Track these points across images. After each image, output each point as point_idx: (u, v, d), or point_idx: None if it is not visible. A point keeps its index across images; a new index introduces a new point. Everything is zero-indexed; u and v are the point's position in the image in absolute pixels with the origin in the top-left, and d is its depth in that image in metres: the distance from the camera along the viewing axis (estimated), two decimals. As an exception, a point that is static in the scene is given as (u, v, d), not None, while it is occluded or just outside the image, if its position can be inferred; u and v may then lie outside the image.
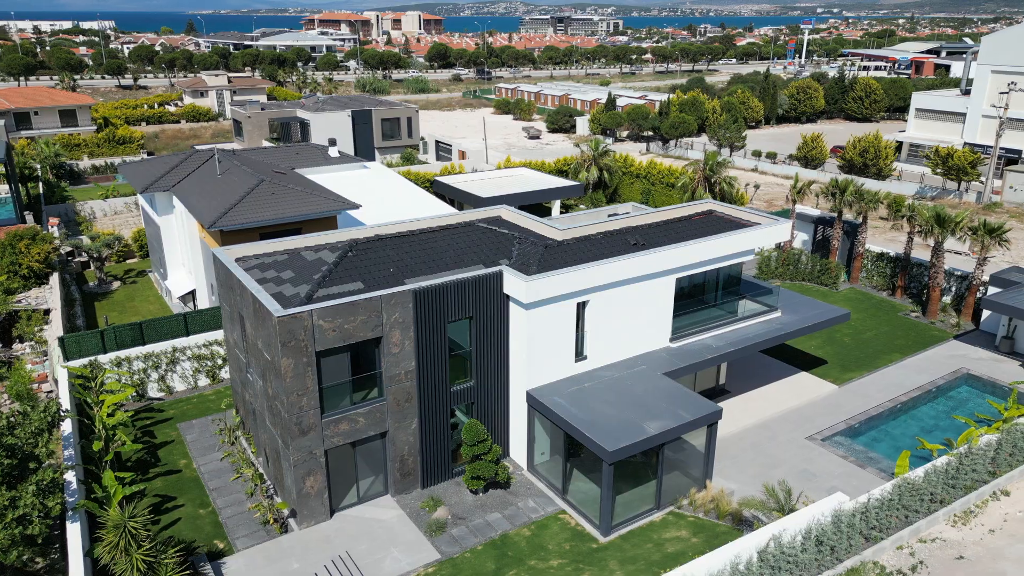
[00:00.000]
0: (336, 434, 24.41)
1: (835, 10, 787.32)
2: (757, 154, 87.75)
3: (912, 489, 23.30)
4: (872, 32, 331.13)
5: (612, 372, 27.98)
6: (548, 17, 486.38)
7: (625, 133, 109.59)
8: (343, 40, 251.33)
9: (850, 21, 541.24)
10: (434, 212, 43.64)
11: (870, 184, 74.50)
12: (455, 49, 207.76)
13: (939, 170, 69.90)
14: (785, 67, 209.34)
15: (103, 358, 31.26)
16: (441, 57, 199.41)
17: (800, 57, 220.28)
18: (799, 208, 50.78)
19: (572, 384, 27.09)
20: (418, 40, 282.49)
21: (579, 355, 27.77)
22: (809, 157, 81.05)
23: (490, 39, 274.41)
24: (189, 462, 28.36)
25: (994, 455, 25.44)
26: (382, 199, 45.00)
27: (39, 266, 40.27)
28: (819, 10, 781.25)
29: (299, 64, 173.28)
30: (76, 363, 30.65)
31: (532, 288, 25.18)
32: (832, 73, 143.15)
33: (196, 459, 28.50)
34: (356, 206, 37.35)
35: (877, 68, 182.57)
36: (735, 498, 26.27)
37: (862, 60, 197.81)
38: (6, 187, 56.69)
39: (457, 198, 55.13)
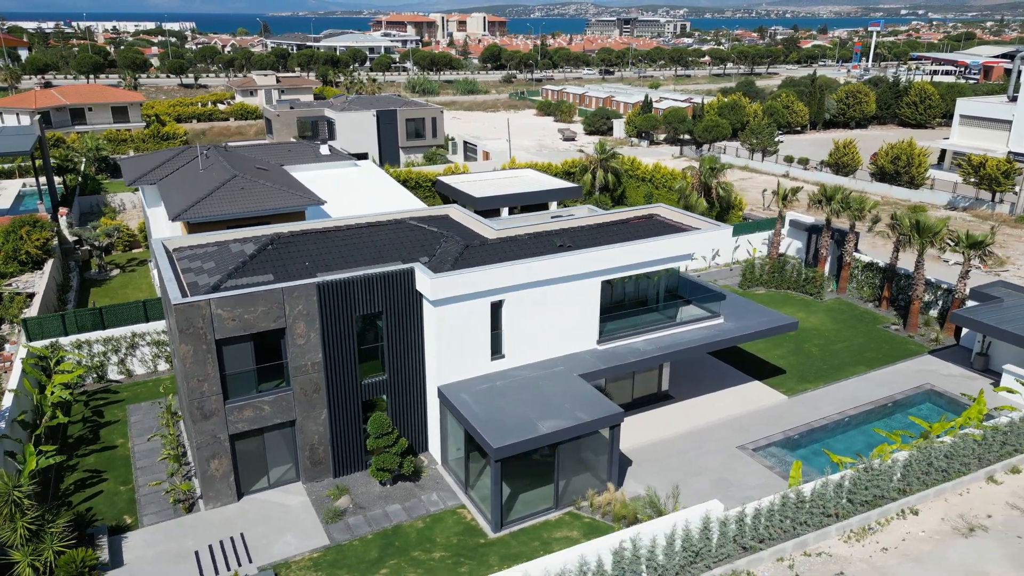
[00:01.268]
0: (241, 420, 25.35)
1: (920, 11, 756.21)
2: (789, 159, 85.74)
3: (799, 502, 22.77)
4: (952, 35, 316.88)
5: (529, 372, 28.11)
6: (615, 19, 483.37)
7: (662, 136, 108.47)
8: (404, 42, 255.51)
9: (934, 23, 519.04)
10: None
11: (902, 193, 71.95)
12: (509, 51, 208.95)
13: (971, 180, 67.01)
14: (849, 70, 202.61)
15: (64, 340, 33.12)
16: (494, 59, 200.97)
17: (867, 60, 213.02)
18: (794, 215, 49.57)
19: (484, 382, 27.34)
20: (478, 42, 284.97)
21: (496, 354, 28.00)
22: (841, 163, 78.72)
23: (551, 41, 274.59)
24: (126, 441, 29.82)
25: (903, 472, 24.59)
26: (366, 197, 46.09)
27: (37, 252, 42.83)
28: (903, 11, 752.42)
29: (354, 64, 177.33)
30: (38, 344, 32.61)
31: (438, 285, 25.59)
32: (892, 77, 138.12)
33: (133, 439, 29.95)
34: (321, 202, 38.45)
35: (946, 73, 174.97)
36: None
37: (931, 64, 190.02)
38: (42, 179, 60.45)
39: (456, 198, 55.83)
